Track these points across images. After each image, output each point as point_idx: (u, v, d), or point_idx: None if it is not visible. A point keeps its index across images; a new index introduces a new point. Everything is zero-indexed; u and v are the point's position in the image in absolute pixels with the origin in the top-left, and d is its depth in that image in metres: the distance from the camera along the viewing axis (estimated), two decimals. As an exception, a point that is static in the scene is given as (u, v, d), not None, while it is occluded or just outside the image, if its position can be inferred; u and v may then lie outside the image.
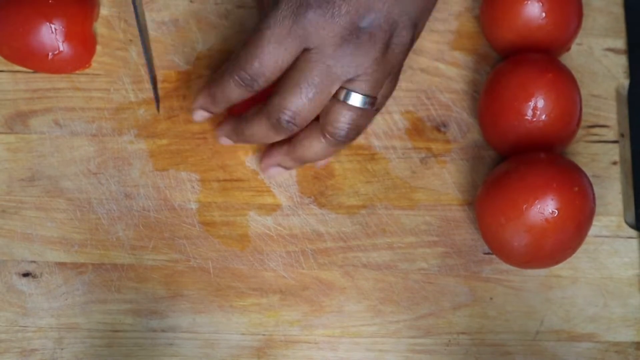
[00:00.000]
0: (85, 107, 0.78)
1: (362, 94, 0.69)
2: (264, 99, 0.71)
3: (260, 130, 0.71)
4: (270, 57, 0.67)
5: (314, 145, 0.71)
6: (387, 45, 0.68)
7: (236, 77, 0.69)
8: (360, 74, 0.68)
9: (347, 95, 0.69)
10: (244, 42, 0.69)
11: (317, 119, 0.71)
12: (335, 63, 0.67)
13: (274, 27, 0.67)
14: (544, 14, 0.76)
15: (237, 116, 0.74)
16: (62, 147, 0.77)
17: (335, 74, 0.68)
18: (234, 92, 0.70)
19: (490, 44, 0.80)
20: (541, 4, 0.76)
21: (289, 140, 0.73)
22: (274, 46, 0.67)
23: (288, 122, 0.69)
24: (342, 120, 0.69)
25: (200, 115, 0.74)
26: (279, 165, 0.75)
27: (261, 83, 0.69)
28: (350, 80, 0.68)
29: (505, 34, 0.77)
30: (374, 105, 0.70)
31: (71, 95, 0.79)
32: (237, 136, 0.74)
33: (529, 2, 0.76)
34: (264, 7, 0.74)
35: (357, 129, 0.70)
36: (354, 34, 0.67)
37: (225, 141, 0.76)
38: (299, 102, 0.68)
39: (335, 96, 0.69)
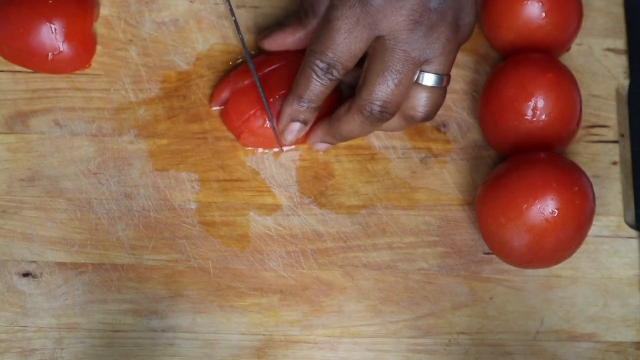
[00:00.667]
0: (85, 107, 0.78)
1: (436, 74, 0.70)
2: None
3: (356, 125, 0.72)
4: (342, 46, 0.68)
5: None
6: (457, 24, 0.69)
7: (314, 67, 0.69)
8: (437, 55, 0.69)
9: (421, 77, 0.70)
10: (316, 34, 0.70)
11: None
12: (410, 47, 0.68)
13: (342, 18, 0.68)
14: (544, 14, 0.76)
15: (325, 120, 0.74)
16: (62, 147, 0.77)
17: (414, 58, 0.68)
18: (316, 84, 0.70)
19: (490, 44, 0.80)
20: (541, 4, 0.76)
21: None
22: (345, 36, 0.68)
23: (381, 112, 0.70)
24: (420, 102, 0.71)
25: (294, 129, 0.74)
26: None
27: (340, 70, 0.69)
28: (426, 62, 0.69)
29: (505, 34, 0.77)
30: (448, 83, 0.71)
31: (71, 95, 0.79)
32: (334, 138, 0.75)
33: (529, 2, 0.76)
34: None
35: (435, 108, 0.72)
36: (424, 16, 0.68)
37: (321, 146, 0.76)
38: (387, 90, 0.69)
39: None
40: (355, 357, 0.75)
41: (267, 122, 0.75)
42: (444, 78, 0.71)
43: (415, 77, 0.70)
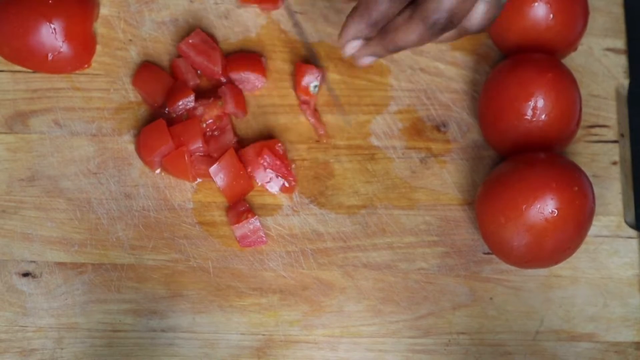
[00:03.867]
0: (85, 107, 0.78)
1: None
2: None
3: (415, 36, 0.68)
4: None
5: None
6: None
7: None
8: None
9: None
10: None
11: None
12: None
13: None
14: (552, 15, 0.76)
15: (378, 33, 0.70)
16: (62, 147, 0.78)
17: None
18: (386, 6, 0.67)
19: (496, 45, 0.80)
20: (549, 5, 0.75)
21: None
22: None
23: (447, 22, 0.67)
24: (477, 14, 0.68)
25: (355, 45, 0.70)
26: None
27: None
28: None
29: (513, 36, 0.77)
30: (504, 3, 0.69)
31: (71, 95, 0.79)
32: (386, 49, 0.71)
33: (538, 3, 0.75)
34: None
35: (490, 21, 0.69)
36: None
37: (367, 60, 0.72)
38: (454, 1, 0.66)
39: None
40: (355, 357, 0.75)
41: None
42: None
43: None
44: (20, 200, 0.76)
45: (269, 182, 0.76)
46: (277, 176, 0.76)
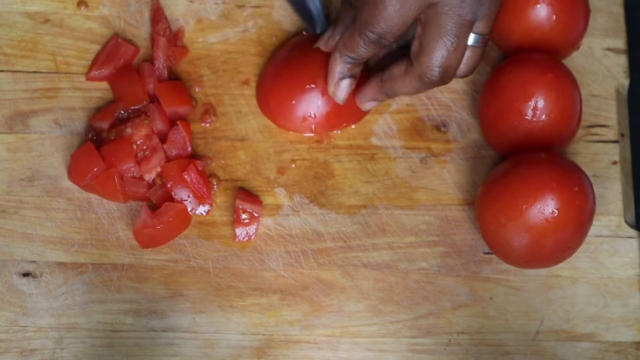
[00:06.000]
0: (85, 107, 0.78)
1: (479, 34, 0.70)
2: None
3: (412, 88, 0.72)
4: (395, 17, 0.69)
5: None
6: None
7: (365, 37, 0.70)
8: (485, 16, 0.70)
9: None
10: (366, 2, 0.70)
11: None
12: (464, 11, 0.68)
13: None
14: (554, 17, 0.76)
15: (376, 78, 0.75)
16: (62, 147, 0.77)
17: (468, 21, 0.69)
18: (364, 50, 0.71)
19: (496, 45, 0.80)
20: (552, 7, 0.75)
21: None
22: (398, 7, 0.68)
23: (441, 78, 0.70)
24: (464, 60, 0.71)
25: (345, 86, 0.74)
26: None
27: (389, 39, 0.70)
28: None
29: (514, 37, 0.77)
30: (487, 42, 0.72)
31: (71, 95, 0.79)
32: (386, 96, 0.75)
33: (540, 5, 0.75)
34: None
35: (474, 67, 0.72)
36: None
37: (369, 105, 0.77)
38: (447, 56, 0.69)
39: None
40: (355, 357, 0.75)
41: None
42: (485, 37, 0.71)
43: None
44: (21, 200, 0.76)
45: (186, 201, 0.76)
46: (194, 197, 0.76)
